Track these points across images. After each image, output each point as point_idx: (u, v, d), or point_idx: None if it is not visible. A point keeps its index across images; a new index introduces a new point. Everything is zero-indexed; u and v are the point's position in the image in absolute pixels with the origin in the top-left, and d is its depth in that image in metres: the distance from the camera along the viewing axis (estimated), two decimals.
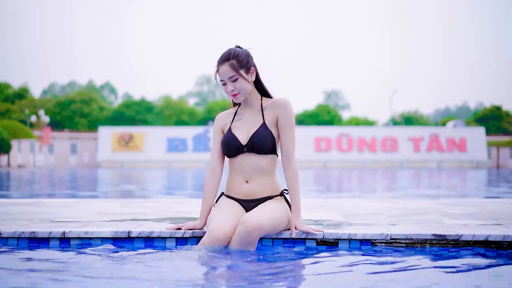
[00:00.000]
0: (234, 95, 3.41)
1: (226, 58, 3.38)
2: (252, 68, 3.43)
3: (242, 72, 3.37)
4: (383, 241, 3.43)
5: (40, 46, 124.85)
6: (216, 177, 3.52)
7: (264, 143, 3.38)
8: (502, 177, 21.77)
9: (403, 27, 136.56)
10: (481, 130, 49.21)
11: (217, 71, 3.42)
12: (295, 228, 3.39)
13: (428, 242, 3.42)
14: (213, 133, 3.59)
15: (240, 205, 3.47)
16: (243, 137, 3.44)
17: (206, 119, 57.96)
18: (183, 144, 48.19)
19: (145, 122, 60.42)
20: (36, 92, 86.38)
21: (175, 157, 47.53)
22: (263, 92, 3.53)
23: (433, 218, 4.32)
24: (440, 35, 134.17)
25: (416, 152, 48.39)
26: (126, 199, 6.51)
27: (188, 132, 48.98)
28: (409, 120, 68.83)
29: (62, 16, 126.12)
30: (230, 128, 3.49)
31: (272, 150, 3.42)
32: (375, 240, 3.43)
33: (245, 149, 3.42)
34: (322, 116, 61.25)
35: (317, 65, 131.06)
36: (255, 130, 3.41)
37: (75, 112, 61.63)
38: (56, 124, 60.28)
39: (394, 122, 63.44)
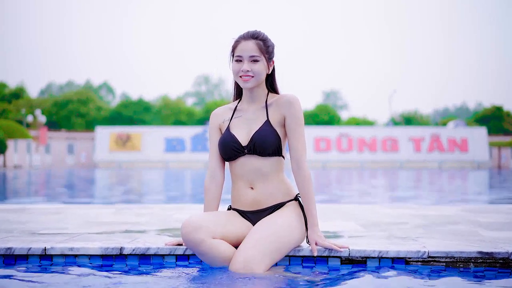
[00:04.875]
0: (246, 78, 2.90)
1: (255, 36, 2.93)
2: (273, 60, 2.99)
3: (265, 57, 2.92)
4: (420, 259, 2.93)
5: (38, 45, 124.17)
6: (218, 182, 3.02)
7: (267, 143, 2.88)
8: (509, 178, 21.30)
9: (403, 27, 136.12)
10: (482, 131, 48.76)
11: (236, 46, 2.93)
12: (316, 244, 2.88)
13: (473, 260, 2.92)
14: (210, 133, 3.08)
15: (247, 220, 2.96)
16: (243, 137, 2.94)
17: (204, 119, 57.45)
18: (181, 144, 47.68)
19: (143, 122, 59.89)
20: (34, 92, 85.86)
21: (173, 157, 47.00)
22: (272, 89, 3.05)
23: (466, 229, 3.83)
24: (439, 35, 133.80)
25: (417, 152, 47.91)
26: (120, 205, 6.02)
27: (187, 132, 48.46)
28: (409, 120, 68.40)
29: (61, 16, 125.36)
30: (228, 127, 2.99)
31: (277, 152, 2.91)
32: (409, 258, 2.93)
33: (245, 150, 2.92)
34: (321, 116, 60.77)
35: (316, 65, 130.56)
36: (257, 129, 2.92)
37: (72, 112, 61.07)
38: (53, 124, 59.72)
39: (395, 122, 63.01)
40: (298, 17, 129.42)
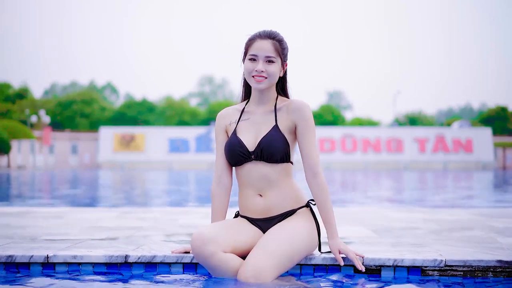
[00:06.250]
0: (260, 79, 2.78)
1: (271, 35, 2.81)
2: (286, 63, 2.88)
3: (281, 59, 2.82)
4: (436, 268, 2.81)
5: (41, 46, 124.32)
6: (225, 187, 2.90)
7: (276, 149, 2.75)
8: None
9: (406, 27, 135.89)
10: (487, 131, 48.47)
11: (250, 44, 2.81)
12: (339, 252, 2.75)
13: (491, 270, 2.79)
14: (216, 135, 2.95)
15: (257, 227, 2.84)
16: (251, 142, 2.81)
17: (208, 120, 57.36)
18: (185, 145, 47.56)
19: (146, 123, 59.82)
20: (37, 92, 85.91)
21: (177, 158, 46.88)
22: (282, 92, 2.93)
23: (482, 235, 3.71)
24: (443, 35, 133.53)
25: (422, 153, 47.69)
26: (123, 208, 5.92)
27: (190, 133, 48.32)
28: (413, 120, 68.15)
29: (64, 17, 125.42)
30: (235, 130, 2.86)
31: (285, 158, 2.79)
32: (426, 267, 2.82)
33: (252, 156, 2.79)
34: (326, 117, 60.60)
35: (318, 66, 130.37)
36: (265, 134, 2.79)
37: (76, 113, 61.06)
38: (57, 125, 59.70)
39: (399, 123, 62.79)
40: (298, 17, 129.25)
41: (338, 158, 47.01)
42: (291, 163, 2.84)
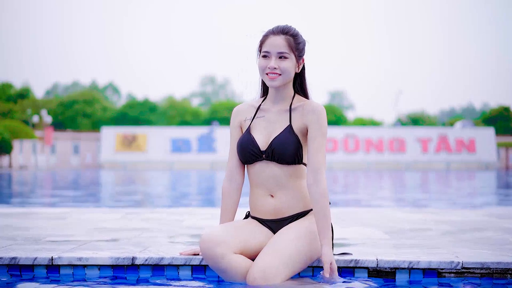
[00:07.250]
0: (273, 76, 2.69)
1: (284, 31, 2.72)
2: (303, 58, 2.78)
3: (295, 54, 2.71)
4: (453, 270, 2.73)
5: (42, 46, 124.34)
6: (236, 185, 2.81)
7: (286, 150, 2.66)
8: None
9: (405, 27, 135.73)
10: (490, 131, 48.35)
11: (264, 41, 2.73)
12: (330, 265, 2.59)
13: (510, 272, 2.71)
14: (231, 131, 2.86)
15: (268, 228, 2.76)
16: (263, 141, 2.72)
17: (210, 120, 57.31)
18: (187, 145, 47.49)
19: (148, 123, 59.76)
20: (39, 92, 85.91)
21: (179, 158, 46.80)
22: (300, 90, 2.83)
23: (496, 237, 3.62)
24: (442, 35, 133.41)
25: (424, 153, 47.57)
26: (126, 209, 5.83)
27: (192, 133, 48.24)
28: (416, 120, 68.03)
29: (62, 16, 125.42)
30: (249, 127, 2.78)
31: (297, 160, 2.69)
32: (442, 269, 2.73)
33: (263, 155, 2.70)
34: (328, 117, 60.57)
35: (319, 65, 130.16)
36: (277, 134, 2.70)
37: (78, 113, 61.03)
38: (59, 125, 59.67)
39: (402, 123, 62.69)
40: (298, 17, 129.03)
41: (341, 158, 46.90)
42: (304, 164, 2.74)
